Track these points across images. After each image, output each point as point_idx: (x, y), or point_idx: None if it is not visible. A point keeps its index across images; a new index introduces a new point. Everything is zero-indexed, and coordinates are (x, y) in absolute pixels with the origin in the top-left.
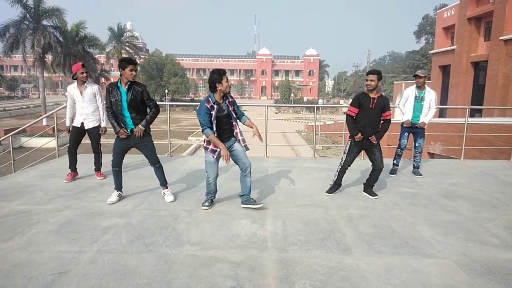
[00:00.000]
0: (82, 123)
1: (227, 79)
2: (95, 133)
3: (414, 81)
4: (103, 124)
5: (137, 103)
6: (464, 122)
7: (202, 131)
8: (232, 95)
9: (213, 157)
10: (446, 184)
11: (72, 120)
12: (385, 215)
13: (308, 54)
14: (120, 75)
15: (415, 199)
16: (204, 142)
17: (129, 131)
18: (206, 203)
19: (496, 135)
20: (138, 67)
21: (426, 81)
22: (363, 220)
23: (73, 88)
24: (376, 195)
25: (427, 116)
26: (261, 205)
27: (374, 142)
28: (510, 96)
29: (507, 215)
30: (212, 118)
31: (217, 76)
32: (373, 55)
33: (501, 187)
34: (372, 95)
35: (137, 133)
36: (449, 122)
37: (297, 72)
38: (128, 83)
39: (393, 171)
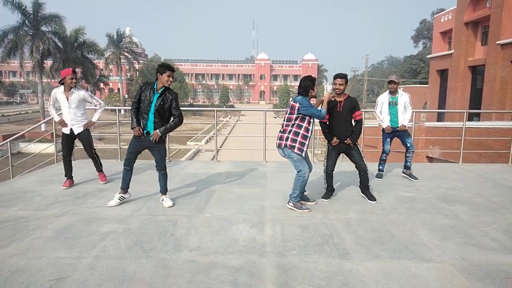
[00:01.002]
0: (71, 130)
1: (317, 88)
2: (85, 137)
3: (410, 85)
4: (93, 119)
5: (165, 109)
6: (462, 126)
7: (320, 114)
8: (230, 101)
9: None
10: (445, 188)
11: (60, 116)
12: (383, 220)
13: (307, 59)
14: (156, 79)
15: (413, 203)
16: (285, 140)
17: (145, 132)
18: (303, 206)
19: (494, 138)
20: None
21: (421, 86)
22: (361, 224)
23: (59, 93)
24: (375, 199)
25: (405, 118)
26: (315, 202)
27: (350, 144)
28: (508, 100)
29: (505, 218)
30: (311, 127)
31: (311, 84)
32: (371, 60)
33: (499, 190)
34: (338, 99)
35: (153, 137)
36: (447, 126)
37: (296, 77)
38: (163, 88)
39: (378, 175)
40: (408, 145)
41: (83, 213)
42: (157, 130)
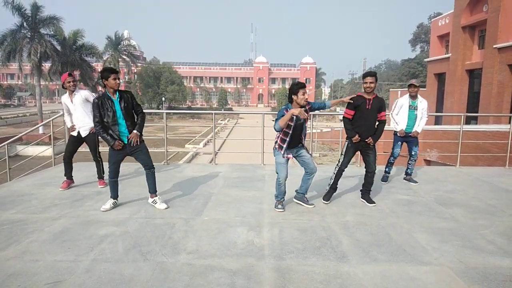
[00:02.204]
0: (79, 132)
1: (305, 92)
2: (92, 140)
3: (406, 89)
4: None
5: (130, 110)
6: (459, 129)
7: (274, 126)
8: (228, 104)
9: (283, 156)
10: (442, 191)
11: (71, 122)
12: (381, 223)
13: (305, 62)
14: (105, 86)
15: (411, 206)
16: (275, 143)
17: (124, 140)
18: (280, 206)
19: (492, 142)
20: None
21: (422, 89)
22: (359, 227)
23: (65, 97)
24: (374, 202)
25: (420, 125)
26: (312, 206)
27: (370, 143)
28: (505, 103)
29: (503, 221)
30: (291, 129)
31: (295, 88)
32: (369, 63)
33: (497, 193)
34: (367, 96)
35: (134, 139)
36: (444, 129)
37: (294, 80)
38: (117, 92)
39: (384, 178)
40: (413, 153)
41: (80, 216)
42: (134, 132)
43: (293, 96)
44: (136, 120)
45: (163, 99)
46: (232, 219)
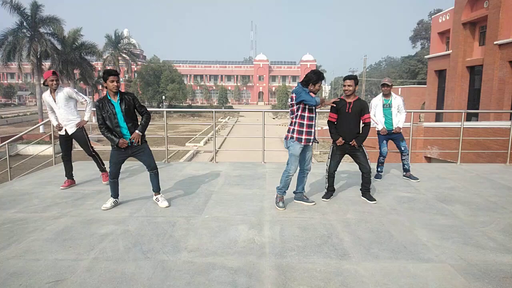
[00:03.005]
0: (66, 130)
1: (320, 85)
2: (80, 136)
3: (409, 86)
4: (84, 118)
5: (131, 112)
6: (460, 126)
7: (310, 102)
8: (228, 102)
9: (300, 145)
10: (443, 188)
11: (57, 120)
12: (382, 220)
13: (305, 59)
14: (106, 88)
15: (412, 204)
16: (291, 132)
17: (129, 142)
18: (281, 203)
19: (493, 138)
20: (121, 77)
21: (419, 86)
22: (360, 225)
23: (47, 96)
24: (375, 200)
25: (400, 120)
26: (313, 203)
27: (355, 145)
28: (506, 100)
29: (504, 218)
30: (307, 112)
31: (315, 77)
32: (369, 60)
33: (497, 190)
34: (348, 100)
35: (135, 139)
36: (445, 126)
37: (294, 78)
38: (118, 94)
39: (377, 176)
40: (403, 148)
41: (81, 215)
42: (136, 131)
43: (310, 85)
44: (141, 121)
45: (163, 97)
46: (233, 217)
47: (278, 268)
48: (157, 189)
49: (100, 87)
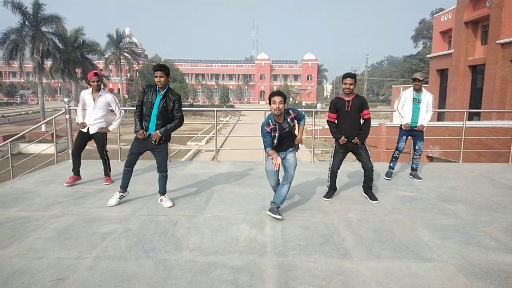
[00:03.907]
0: (88, 129)
1: (275, 102)
2: (100, 139)
3: (410, 85)
4: (110, 127)
5: (168, 111)
6: (462, 125)
7: (265, 149)
8: (230, 101)
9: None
10: (445, 188)
11: (83, 118)
12: (384, 219)
13: (306, 58)
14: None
15: (414, 203)
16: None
17: (147, 135)
18: (277, 215)
19: (495, 138)
20: (168, 74)
21: (424, 85)
22: (362, 224)
23: (87, 94)
24: (377, 199)
25: (425, 118)
26: (280, 217)
27: (357, 143)
28: (508, 99)
29: (506, 218)
30: (276, 139)
31: (269, 97)
32: (371, 59)
33: (499, 190)
34: (346, 98)
35: (153, 138)
36: (447, 125)
37: (296, 77)
38: (165, 89)
39: (388, 174)
40: (417, 147)
41: (83, 213)
42: (157, 131)
43: (270, 105)
44: (170, 123)
45: None
46: (235, 216)
47: (279, 267)
48: (163, 191)
49: (102, 86)
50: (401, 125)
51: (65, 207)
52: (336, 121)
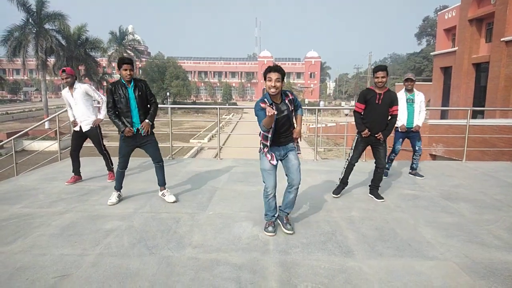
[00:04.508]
0: (80, 127)
1: (271, 79)
2: (94, 135)
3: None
4: (100, 116)
5: (143, 99)
6: (466, 123)
7: (261, 130)
8: (233, 98)
9: (269, 161)
10: (448, 186)
11: (73, 116)
12: (387, 217)
13: (309, 56)
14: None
15: (417, 201)
16: (260, 145)
17: (135, 130)
18: (270, 228)
19: (498, 136)
20: (134, 66)
21: (424, 83)
22: (365, 222)
23: (66, 92)
24: (382, 198)
25: (420, 118)
26: (291, 232)
27: (380, 139)
28: None
29: (509, 216)
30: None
31: (264, 72)
32: (374, 57)
33: (503, 188)
34: (378, 91)
35: (144, 128)
36: (451, 123)
37: (299, 74)
38: (132, 80)
39: (385, 174)
40: (417, 148)
41: (86, 210)
42: (146, 121)
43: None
44: (150, 110)
45: (168, 94)
46: (237, 214)
47: (282, 265)
48: (162, 183)
49: (104, 83)
50: (397, 127)
51: (69, 204)
52: (363, 113)
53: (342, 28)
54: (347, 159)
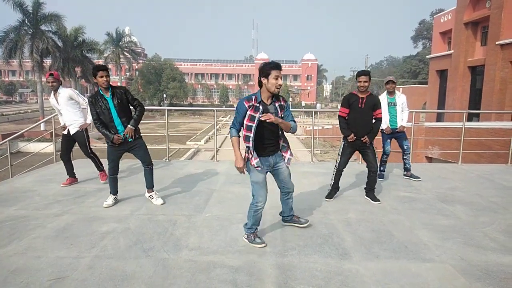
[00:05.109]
0: (68, 130)
1: (278, 77)
2: (80, 137)
3: (410, 86)
4: (88, 121)
5: (124, 106)
6: (461, 126)
7: (230, 132)
8: (229, 100)
9: (260, 172)
10: (444, 188)
11: (63, 121)
12: (383, 220)
13: (306, 58)
14: (97, 84)
15: (413, 204)
16: (246, 153)
17: (122, 136)
18: (258, 239)
19: (494, 139)
20: (109, 72)
21: (420, 86)
22: (361, 224)
23: (51, 98)
24: (379, 200)
25: (403, 119)
26: (308, 223)
27: (366, 142)
28: (507, 101)
29: (505, 219)
30: (254, 124)
31: (266, 68)
32: (370, 60)
33: (498, 191)
34: (361, 95)
35: (128, 133)
36: (446, 126)
37: (295, 77)
38: (110, 88)
39: (380, 176)
40: (405, 147)
41: (82, 212)
42: (129, 126)
43: (262, 79)
44: (133, 115)
45: (164, 95)
46: (234, 216)
47: (278, 267)
48: (150, 185)
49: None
50: (382, 129)
51: (64, 206)
52: (347, 117)
53: (339, 30)
54: (335, 166)
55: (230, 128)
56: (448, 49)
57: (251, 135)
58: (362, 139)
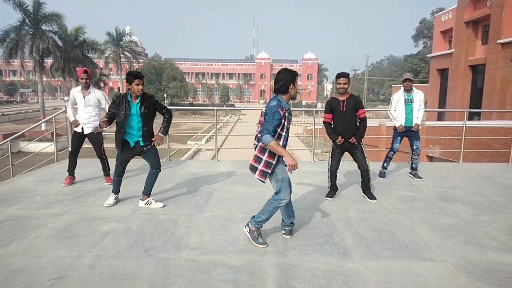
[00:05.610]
0: (82, 129)
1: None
2: (95, 138)
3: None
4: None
5: (150, 116)
6: (462, 125)
7: (261, 138)
8: (230, 100)
9: (287, 169)
10: (445, 188)
11: (74, 116)
12: (384, 219)
13: (307, 58)
14: (128, 89)
15: (414, 203)
16: (268, 157)
17: (133, 143)
18: (260, 239)
19: (495, 138)
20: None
21: (421, 85)
22: (362, 223)
23: (77, 91)
24: (375, 198)
25: (419, 117)
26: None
27: (354, 143)
28: (508, 99)
29: (506, 218)
30: (284, 131)
31: (291, 76)
32: (371, 59)
33: (500, 190)
34: (341, 98)
35: (157, 141)
36: (447, 125)
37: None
38: (139, 97)
39: (382, 174)
40: (415, 147)
41: (83, 212)
42: (160, 134)
43: (290, 87)
44: (162, 122)
45: (165, 95)
46: (235, 216)
47: (279, 267)
48: (148, 191)
49: (102, 84)
50: (395, 127)
51: (65, 206)
52: (332, 122)
53: (340, 30)
54: (328, 168)
55: (262, 135)
56: (449, 48)
57: (280, 143)
58: (349, 140)
